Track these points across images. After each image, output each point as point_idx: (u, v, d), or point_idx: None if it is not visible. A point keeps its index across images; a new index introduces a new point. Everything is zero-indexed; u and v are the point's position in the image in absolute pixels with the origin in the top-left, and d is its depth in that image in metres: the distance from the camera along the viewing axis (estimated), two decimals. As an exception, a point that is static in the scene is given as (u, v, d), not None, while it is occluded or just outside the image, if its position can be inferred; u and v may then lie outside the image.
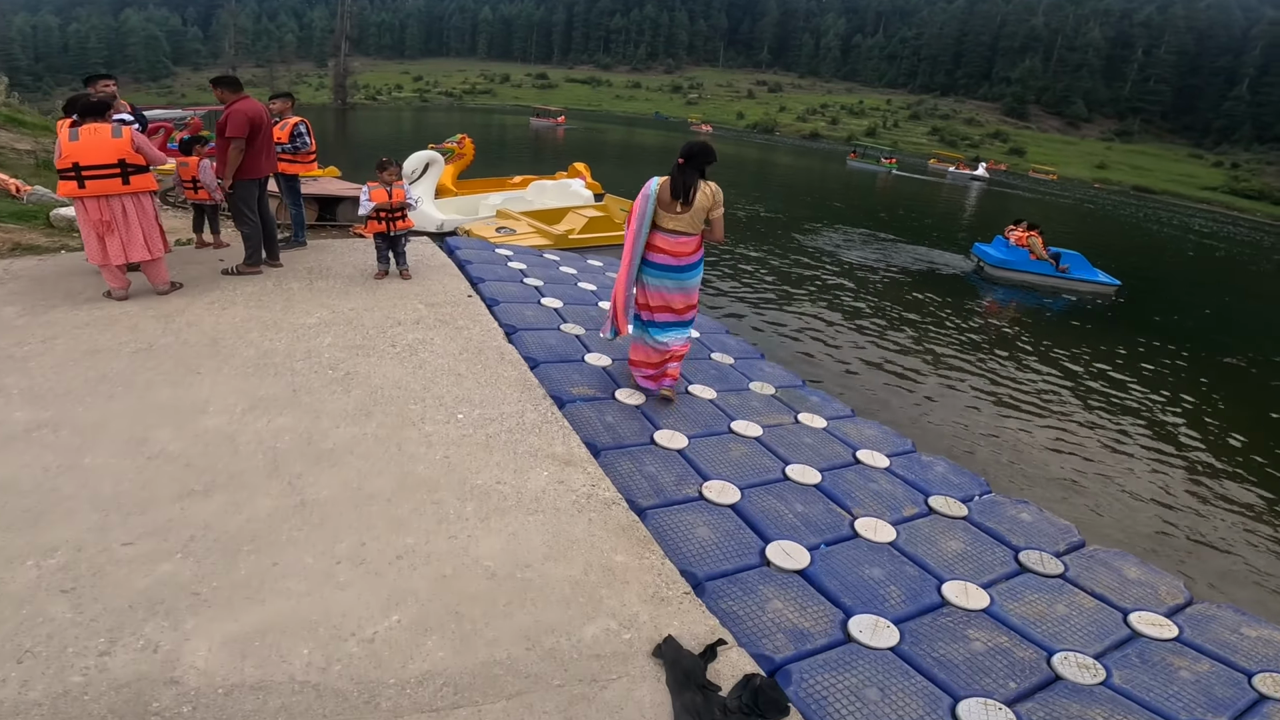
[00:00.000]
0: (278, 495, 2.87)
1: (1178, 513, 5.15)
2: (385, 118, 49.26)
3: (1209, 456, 6.21)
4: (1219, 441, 6.57)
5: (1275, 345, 11.02)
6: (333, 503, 2.85)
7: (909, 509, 3.64)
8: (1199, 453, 6.25)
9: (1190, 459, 6.05)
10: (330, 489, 2.93)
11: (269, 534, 2.66)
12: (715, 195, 3.90)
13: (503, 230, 7.84)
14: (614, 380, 4.45)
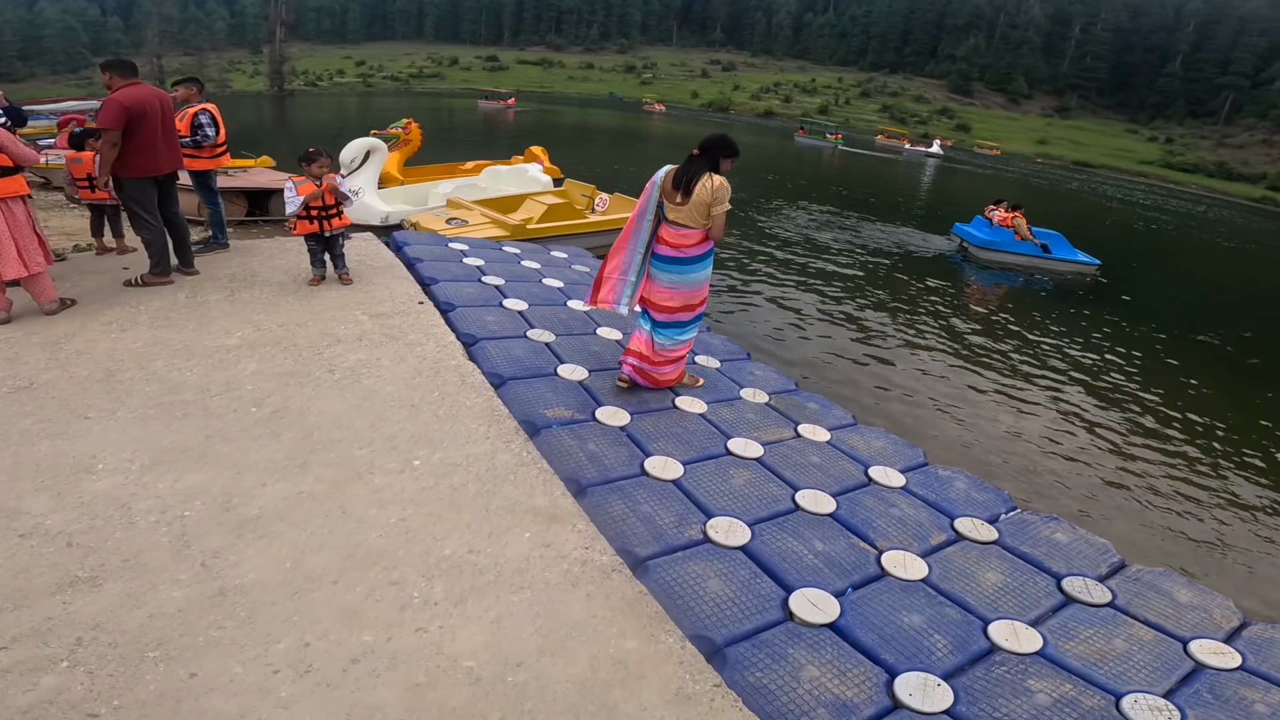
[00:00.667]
0: (190, 581, 2.28)
1: (1194, 511, 4.91)
2: (328, 104, 47.00)
3: (1214, 447, 6.04)
4: (1216, 431, 6.42)
5: (1252, 324, 11.14)
6: (262, 589, 2.27)
7: (936, 536, 3.23)
8: (1202, 444, 6.07)
9: (1195, 452, 5.85)
10: (258, 570, 2.34)
11: (181, 634, 2.07)
12: (717, 191, 3.56)
13: (454, 221, 7.15)
14: (593, 397, 3.91)
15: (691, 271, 3.86)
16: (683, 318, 3.98)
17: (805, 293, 8.95)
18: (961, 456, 5.05)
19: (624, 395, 3.96)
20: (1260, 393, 7.53)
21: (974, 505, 3.47)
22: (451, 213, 7.51)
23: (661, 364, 4.07)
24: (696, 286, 3.90)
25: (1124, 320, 9.72)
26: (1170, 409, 6.61)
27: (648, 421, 3.75)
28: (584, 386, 4.00)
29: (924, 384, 6.38)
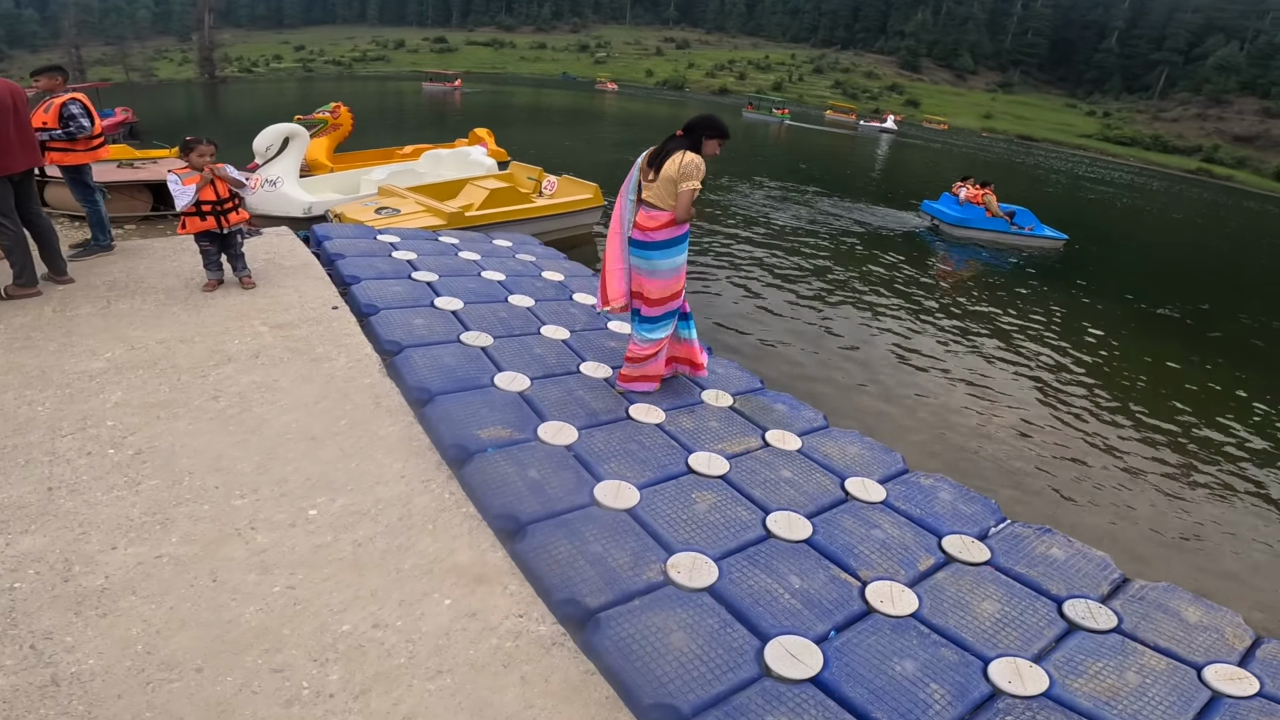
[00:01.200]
0: (15, 668, 1.80)
1: (1174, 498, 4.72)
2: (264, 91, 44.64)
3: (1188, 430, 5.90)
4: (1188, 411, 6.30)
5: (1207, 296, 11.25)
6: (105, 678, 1.78)
7: (924, 560, 2.87)
8: (1176, 427, 5.93)
9: (1170, 436, 5.69)
10: (100, 655, 1.84)
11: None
12: (685, 166, 3.31)
13: (384, 211, 6.50)
14: (535, 410, 3.42)
15: (656, 258, 3.49)
16: (654, 312, 3.61)
17: (766, 276, 8.58)
18: (937, 453, 4.75)
19: (568, 407, 3.49)
20: (1227, 369, 7.50)
21: (961, 519, 3.13)
22: (383, 201, 6.85)
23: (641, 358, 3.70)
24: (662, 277, 3.51)
25: (1086, 296, 9.66)
26: (1141, 390, 6.47)
27: (598, 438, 3.29)
28: (525, 399, 3.51)
29: (895, 372, 6.08)
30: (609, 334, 4.47)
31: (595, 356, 4.09)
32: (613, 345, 4.27)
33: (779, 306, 7.48)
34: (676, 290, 3.60)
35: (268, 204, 7.02)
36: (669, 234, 3.50)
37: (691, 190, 3.36)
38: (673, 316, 3.67)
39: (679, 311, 3.71)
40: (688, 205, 3.38)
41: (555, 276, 5.42)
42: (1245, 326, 9.60)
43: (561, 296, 5.01)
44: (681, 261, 3.56)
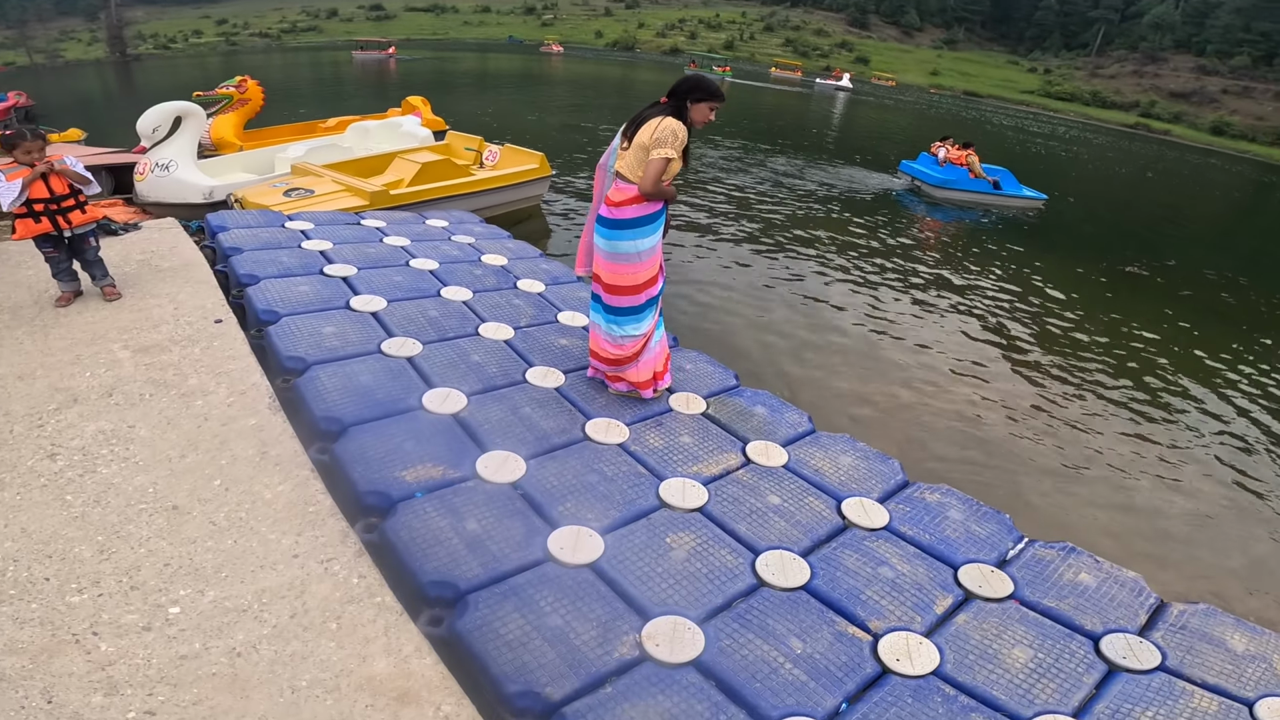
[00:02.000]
0: None
1: (1170, 483, 4.47)
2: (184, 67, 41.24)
3: (1180, 396, 5.68)
4: (1176, 379, 6.10)
5: (1170, 251, 11.22)
6: None
7: (941, 600, 2.45)
8: (1165, 399, 5.70)
9: (1163, 408, 5.45)
10: None
11: None
12: (660, 131, 2.87)
13: (295, 193, 5.68)
14: (474, 437, 2.85)
15: (619, 238, 3.00)
16: (619, 302, 3.10)
17: (731, 247, 8.04)
18: (926, 443, 4.37)
19: (514, 430, 2.92)
20: (1203, 328, 7.37)
21: (976, 543, 2.72)
22: (295, 181, 6.01)
23: (617, 360, 3.19)
24: (626, 261, 3.03)
25: (1058, 255, 9.47)
26: (1122, 360, 6.24)
27: (550, 470, 2.74)
28: (460, 423, 2.93)
29: (875, 351, 5.66)
30: (559, 329, 3.89)
31: (544, 359, 3.51)
32: (564, 343, 3.70)
33: (743, 279, 6.98)
34: (638, 282, 3.05)
35: (161, 191, 6.10)
36: (636, 211, 2.97)
37: (663, 159, 2.83)
38: (646, 311, 3.14)
39: (654, 305, 3.18)
40: (655, 176, 2.84)
41: (497, 260, 4.77)
42: (1212, 282, 9.58)
43: (504, 284, 4.38)
44: (647, 247, 3.02)
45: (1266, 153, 46.33)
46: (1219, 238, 14.93)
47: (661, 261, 3.17)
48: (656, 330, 3.25)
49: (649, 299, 3.11)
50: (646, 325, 3.14)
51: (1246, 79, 56.07)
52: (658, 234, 3.06)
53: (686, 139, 2.90)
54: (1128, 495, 4.12)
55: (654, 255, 3.07)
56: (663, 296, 3.25)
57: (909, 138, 23.56)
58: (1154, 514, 4.02)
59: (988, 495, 3.80)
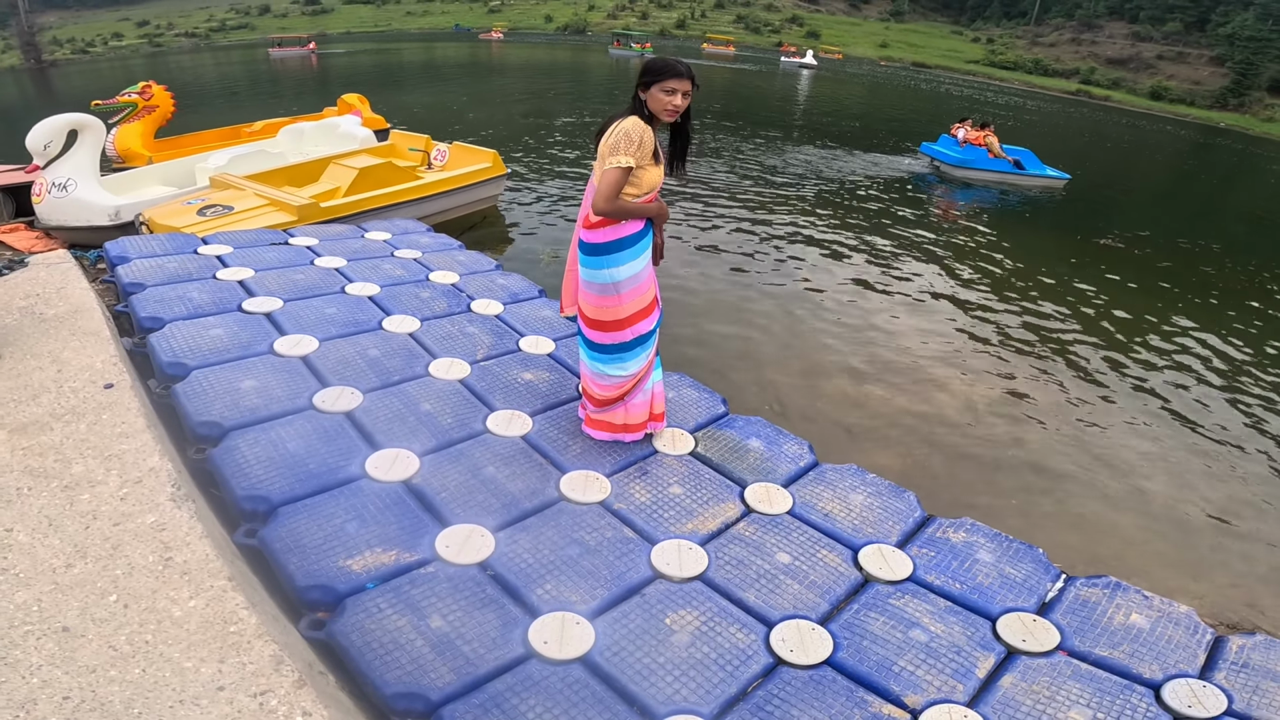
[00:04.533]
0: None
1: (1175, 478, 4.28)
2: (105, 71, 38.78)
3: (1187, 378, 5.52)
4: (1177, 359, 5.95)
5: (1143, 222, 11.22)
6: None
7: (983, 662, 2.13)
8: (1169, 382, 5.53)
9: (1174, 399, 5.25)
10: None
11: None
12: (612, 136, 2.44)
13: (212, 210, 5.07)
14: (431, 510, 2.41)
15: (593, 265, 2.58)
16: (600, 338, 2.68)
17: (701, 234, 7.64)
18: (933, 457, 4.07)
19: (476, 495, 2.49)
20: (1189, 301, 7.29)
21: (1013, 588, 2.40)
22: (213, 196, 5.38)
23: (602, 401, 2.79)
24: (603, 293, 2.60)
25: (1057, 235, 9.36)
26: (1111, 341, 6.07)
27: (523, 543, 2.33)
28: (413, 491, 2.49)
29: (866, 347, 5.34)
30: (522, 360, 3.45)
31: (506, 401, 3.07)
32: (528, 378, 3.27)
33: (718, 272, 6.60)
34: (620, 317, 2.62)
35: (61, 213, 5.41)
36: (607, 235, 2.54)
37: (617, 170, 2.39)
38: (636, 351, 2.69)
39: (646, 344, 2.73)
40: (609, 191, 2.41)
41: (448, 278, 4.29)
42: (1186, 251, 9.58)
43: (456, 308, 3.91)
44: (626, 277, 2.56)
45: (1205, 115, 47.85)
46: (1196, 205, 15.14)
47: (656, 294, 2.73)
48: (653, 372, 2.83)
49: (637, 337, 2.67)
50: (635, 366, 2.71)
51: (1180, 44, 57.77)
52: (639, 261, 2.58)
53: (652, 140, 2.47)
54: (1143, 496, 3.90)
55: (638, 287, 2.61)
56: (658, 332, 2.81)
57: (870, 113, 23.44)
58: (1175, 517, 3.81)
59: (1008, 516, 3.53)
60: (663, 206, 2.64)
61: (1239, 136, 39.44)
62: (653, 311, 2.71)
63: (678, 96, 2.43)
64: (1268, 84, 49.48)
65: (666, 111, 2.45)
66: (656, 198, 2.62)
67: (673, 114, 2.47)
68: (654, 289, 2.72)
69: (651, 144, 2.47)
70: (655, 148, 2.52)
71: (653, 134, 2.48)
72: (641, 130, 2.43)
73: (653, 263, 2.71)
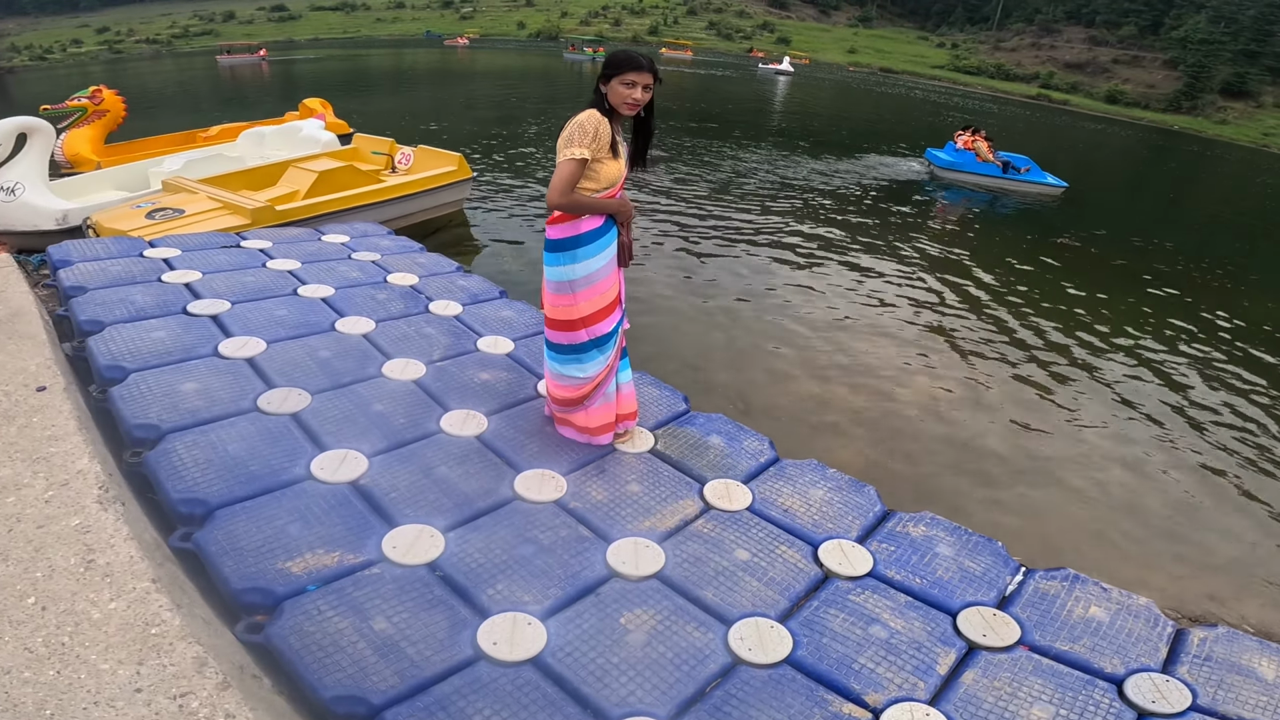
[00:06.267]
0: None
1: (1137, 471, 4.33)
2: (64, 77, 37.78)
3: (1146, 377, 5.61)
4: (1141, 355, 6.05)
5: (1098, 221, 11.46)
6: None
7: (944, 658, 2.10)
8: (1133, 385, 5.62)
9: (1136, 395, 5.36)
10: None
11: None
12: (568, 128, 2.41)
13: (161, 214, 4.91)
14: (379, 511, 2.33)
15: (549, 262, 2.57)
16: (555, 336, 2.66)
17: (664, 233, 7.63)
18: (895, 451, 4.08)
19: (427, 495, 2.42)
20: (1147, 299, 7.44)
21: (972, 582, 2.39)
22: (164, 200, 5.22)
23: (563, 400, 2.75)
24: (559, 290, 2.57)
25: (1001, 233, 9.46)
26: (1072, 337, 6.17)
27: (474, 542, 2.26)
28: (360, 492, 2.40)
29: (826, 342, 5.36)
30: (479, 360, 3.37)
31: (462, 401, 2.99)
32: (485, 378, 3.20)
33: (680, 269, 6.58)
34: (572, 318, 2.57)
35: (8, 218, 5.21)
36: (562, 231, 2.51)
37: (570, 161, 2.35)
38: (590, 353, 2.63)
39: (604, 347, 2.65)
40: (560, 184, 2.36)
41: (406, 280, 4.20)
42: (1139, 248, 9.82)
43: (414, 309, 3.82)
44: (581, 275, 2.51)
45: (1159, 118, 49.29)
46: (1154, 206, 15.54)
47: (618, 296, 2.65)
48: (618, 374, 2.77)
49: (592, 339, 2.60)
50: (592, 369, 2.64)
51: (1135, 48, 59.55)
52: (598, 260, 2.51)
53: (609, 132, 2.42)
54: (1102, 489, 3.94)
55: (595, 286, 2.54)
56: (621, 335, 2.72)
57: (835, 117, 23.76)
58: (1133, 509, 3.85)
59: (970, 510, 3.53)
60: (626, 203, 2.57)
61: (1192, 139, 40.70)
62: (612, 314, 2.64)
63: (638, 90, 2.38)
64: (1220, 87, 51.14)
65: (626, 105, 2.40)
66: (620, 195, 2.57)
67: (633, 107, 2.41)
68: (616, 290, 2.65)
69: (608, 136, 2.41)
70: (614, 141, 2.46)
71: (609, 127, 2.42)
72: (597, 122, 2.38)
73: (619, 264, 2.63)
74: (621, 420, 2.84)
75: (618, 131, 2.50)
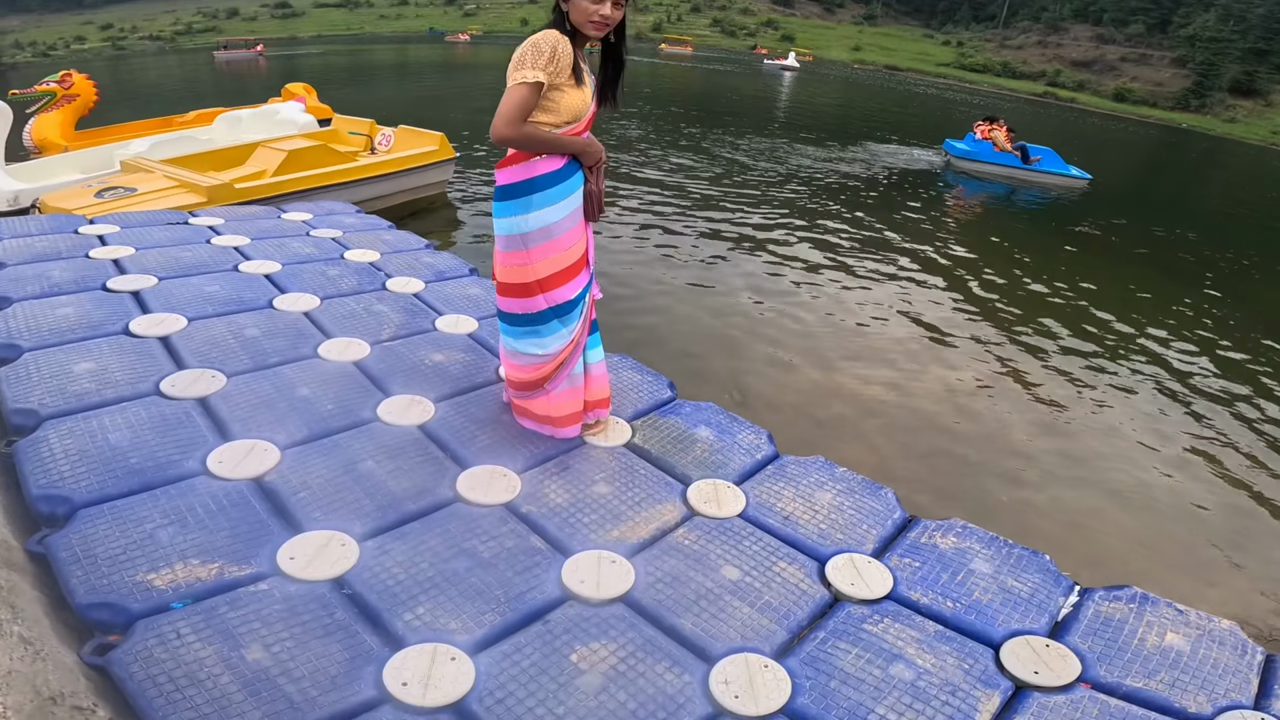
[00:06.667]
0: None
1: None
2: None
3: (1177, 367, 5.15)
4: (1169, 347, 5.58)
5: (1116, 210, 10.99)
6: None
7: (985, 702, 1.66)
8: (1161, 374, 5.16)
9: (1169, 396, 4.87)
10: None
11: None
12: (519, 50, 1.96)
13: (111, 193, 4.53)
14: (283, 514, 1.90)
15: (498, 213, 2.14)
16: (508, 305, 2.22)
17: (659, 215, 7.18)
18: (912, 450, 3.63)
19: (345, 494, 1.98)
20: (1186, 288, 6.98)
21: (1018, 605, 1.93)
22: (120, 179, 4.84)
23: (519, 383, 2.32)
24: (510, 247, 2.14)
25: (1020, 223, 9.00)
26: (1105, 325, 5.70)
27: (397, 552, 1.82)
28: (264, 489, 1.97)
29: (834, 333, 4.91)
30: (434, 339, 2.94)
31: (408, 384, 2.57)
32: (438, 360, 2.76)
33: (675, 251, 6.13)
34: (527, 280, 2.12)
35: None
36: (508, 175, 2.08)
37: (521, 86, 1.91)
38: (551, 324, 2.18)
39: (567, 318, 2.20)
40: (509, 112, 1.92)
41: (365, 257, 3.77)
42: (1160, 239, 9.33)
43: (368, 286, 3.39)
44: (536, 228, 2.07)
45: (1168, 116, 48.61)
46: (1168, 201, 15.04)
47: (584, 256, 2.21)
48: (586, 353, 2.32)
49: (552, 308, 2.15)
50: (554, 344, 2.20)
51: (1143, 46, 58.85)
52: (558, 210, 2.06)
53: (570, 55, 1.97)
54: (1146, 491, 3.49)
55: (554, 241, 2.09)
56: (589, 306, 2.27)
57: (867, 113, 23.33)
58: (1183, 515, 3.41)
59: (999, 515, 3.09)
60: (594, 143, 2.13)
61: (1201, 137, 40.06)
62: (576, 276, 2.20)
63: (606, 5, 1.91)
64: (1229, 85, 50.47)
65: (593, 24, 1.94)
66: (586, 132, 2.13)
67: (600, 26, 1.95)
68: (583, 249, 2.21)
69: (569, 60, 1.97)
70: (578, 66, 2.02)
71: (571, 50, 1.99)
72: (554, 41, 1.93)
73: (586, 217, 2.20)
74: (591, 409, 2.40)
75: (582, 57, 2.07)
